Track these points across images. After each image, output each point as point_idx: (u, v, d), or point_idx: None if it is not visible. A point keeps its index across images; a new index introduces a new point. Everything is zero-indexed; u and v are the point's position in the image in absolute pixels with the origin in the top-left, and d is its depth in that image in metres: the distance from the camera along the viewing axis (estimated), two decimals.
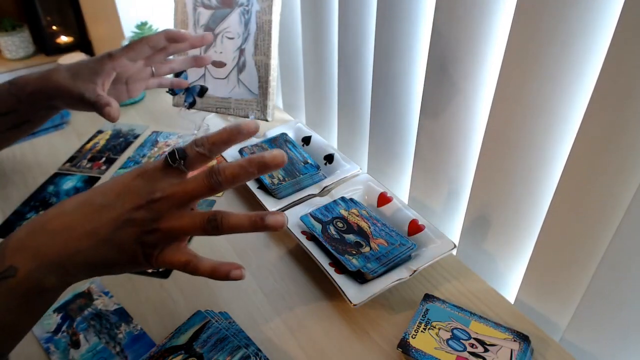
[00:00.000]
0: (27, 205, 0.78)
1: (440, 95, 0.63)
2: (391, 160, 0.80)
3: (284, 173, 0.75)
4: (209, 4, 0.88)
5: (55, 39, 1.75)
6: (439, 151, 0.67)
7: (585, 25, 0.45)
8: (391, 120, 0.75)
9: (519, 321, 0.56)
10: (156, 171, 0.43)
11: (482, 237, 0.65)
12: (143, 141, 0.94)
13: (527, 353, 0.51)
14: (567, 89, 0.48)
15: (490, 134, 0.58)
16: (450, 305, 0.57)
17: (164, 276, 0.64)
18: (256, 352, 0.52)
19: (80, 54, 1.07)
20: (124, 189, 0.43)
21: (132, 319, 0.59)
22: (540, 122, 0.52)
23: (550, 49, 0.47)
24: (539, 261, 0.57)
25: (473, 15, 0.54)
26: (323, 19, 0.81)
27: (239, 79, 0.88)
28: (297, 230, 0.65)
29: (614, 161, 0.45)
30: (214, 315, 0.55)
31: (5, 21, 1.71)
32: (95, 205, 0.43)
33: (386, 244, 0.62)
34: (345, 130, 0.88)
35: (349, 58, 0.78)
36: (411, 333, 0.53)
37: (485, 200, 0.63)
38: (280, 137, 0.82)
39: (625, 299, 0.49)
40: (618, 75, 0.42)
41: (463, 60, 0.58)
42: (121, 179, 0.44)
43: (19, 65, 1.72)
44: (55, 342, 0.57)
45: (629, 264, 0.47)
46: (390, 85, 0.72)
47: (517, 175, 0.57)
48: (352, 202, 0.69)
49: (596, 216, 0.49)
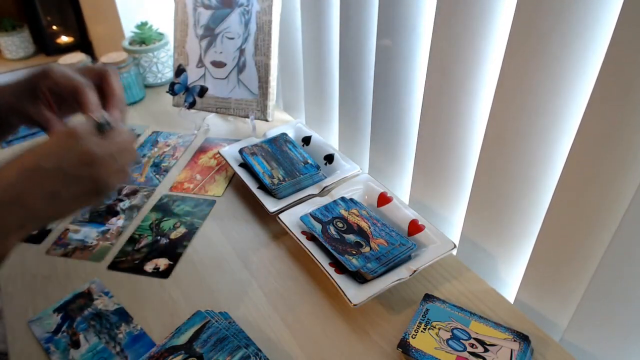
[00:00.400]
0: None
1: (440, 96, 0.63)
2: (391, 161, 0.80)
3: (284, 173, 0.75)
4: (209, 4, 0.88)
5: (55, 39, 1.75)
6: (440, 151, 0.67)
7: (585, 25, 0.45)
8: (392, 120, 0.75)
9: (519, 321, 0.56)
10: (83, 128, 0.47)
11: (482, 237, 0.65)
12: (143, 141, 0.94)
13: (527, 353, 0.51)
14: (567, 88, 0.48)
15: (490, 134, 0.58)
16: (450, 305, 0.57)
17: (164, 276, 0.64)
18: (256, 352, 0.52)
19: (80, 54, 1.07)
20: (58, 148, 0.46)
21: (132, 319, 0.59)
22: (540, 122, 0.52)
23: (550, 49, 0.47)
24: (539, 261, 0.57)
25: (473, 15, 0.54)
26: (323, 19, 0.81)
27: (239, 79, 0.88)
28: (297, 230, 0.65)
29: (614, 161, 0.45)
30: (214, 315, 0.55)
31: (5, 21, 1.72)
32: (38, 170, 0.45)
33: (386, 244, 0.62)
34: (346, 130, 0.88)
35: (350, 58, 0.78)
36: (411, 333, 0.53)
37: (485, 200, 0.63)
38: (280, 137, 0.82)
39: (625, 298, 0.49)
40: (618, 75, 0.42)
41: (463, 60, 0.58)
42: (52, 140, 0.47)
43: (19, 65, 1.72)
44: (55, 342, 0.57)
45: (629, 263, 0.47)
46: (391, 86, 0.72)
47: (517, 175, 0.57)
48: (352, 202, 0.69)
49: (596, 216, 0.49)
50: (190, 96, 0.91)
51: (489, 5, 0.53)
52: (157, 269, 0.66)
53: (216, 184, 0.81)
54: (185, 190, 0.80)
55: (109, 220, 0.74)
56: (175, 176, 0.83)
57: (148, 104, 1.07)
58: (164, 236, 0.71)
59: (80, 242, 0.71)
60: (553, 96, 0.50)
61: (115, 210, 0.76)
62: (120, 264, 0.67)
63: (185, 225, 0.73)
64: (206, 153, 0.89)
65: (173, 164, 0.87)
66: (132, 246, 0.69)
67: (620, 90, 0.42)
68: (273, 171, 0.75)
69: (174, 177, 0.83)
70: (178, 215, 0.75)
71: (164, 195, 0.79)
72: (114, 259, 0.68)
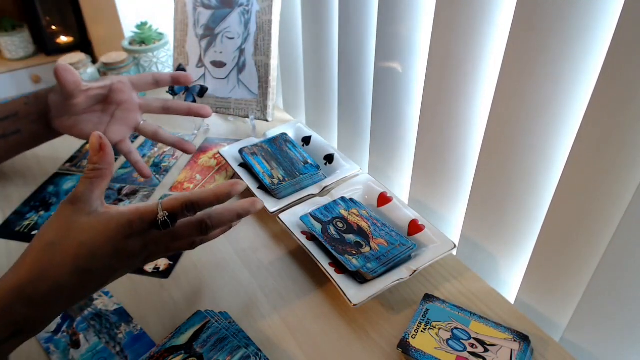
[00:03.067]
0: (27, 205, 0.78)
1: (440, 95, 0.63)
2: (391, 161, 0.80)
3: (284, 173, 0.75)
4: (209, 4, 0.88)
5: (55, 39, 1.75)
6: (439, 151, 0.67)
7: (585, 25, 0.45)
8: (392, 120, 0.75)
9: (519, 321, 0.56)
10: (144, 229, 0.45)
11: (482, 237, 0.65)
12: (143, 141, 0.94)
13: (527, 353, 0.51)
14: (568, 88, 0.48)
15: (490, 134, 0.58)
16: (450, 305, 0.57)
17: (164, 276, 0.64)
18: (256, 352, 0.52)
19: (80, 54, 1.07)
20: (115, 252, 0.44)
21: (132, 319, 0.59)
22: (540, 122, 0.52)
23: (551, 49, 0.47)
24: (539, 261, 0.57)
25: (473, 14, 0.54)
26: (323, 18, 0.81)
27: (239, 79, 0.88)
28: (297, 230, 0.65)
29: (614, 161, 0.45)
30: (214, 315, 0.55)
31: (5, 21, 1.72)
32: (91, 272, 0.44)
33: (386, 244, 0.62)
34: (346, 130, 0.88)
35: (350, 58, 0.78)
36: (411, 333, 0.53)
37: (485, 200, 0.63)
38: (280, 137, 0.82)
39: (625, 298, 0.49)
40: (618, 75, 0.42)
41: (463, 60, 0.58)
42: (108, 241, 0.44)
43: (19, 65, 1.72)
44: (55, 342, 0.57)
45: (629, 263, 0.47)
46: (390, 85, 0.72)
47: (517, 175, 0.57)
48: (352, 202, 0.69)
49: (596, 216, 0.49)
50: (190, 96, 0.91)
51: (490, 5, 0.53)
52: (157, 269, 0.66)
53: (216, 184, 0.81)
54: (185, 190, 0.80)
55: None
56: (175, 176, 0.83)
57: None
58: None
59: None
60: (553, 96, 0.50)
61: None
62: None
63: None
64: (206, 153, 0.89)
65: (173, 164, 0.87)
66: None
67: (621, 91, 0.42)
68: (273, 171, 0.75)
69: (174, 177, 0.83)
70: None
71: (164, 195, 0.79)
72: None
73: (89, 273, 0.44)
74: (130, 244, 0.45)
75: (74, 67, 1.03)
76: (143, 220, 0.44)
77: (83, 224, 0.44)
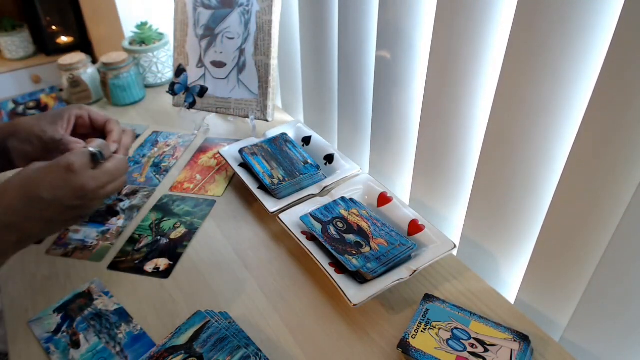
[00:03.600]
0: None
1: (441, 95, 0.63)
2: (391, 161, 0.80)
3: (284, 173, 0.75)
4: (209, 4, 0.88)
5: (55, 39, 1.75)
6: (440, 151, 0.67)
7: (585, 25, 0.45)
8: (392, 120, 0.75)
9: (519, 321, 0.56)
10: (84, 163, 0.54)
11: (482, 237, 0.65)
12: (143, 141, 0.94)
13: (527, 353, 0.51)
14: (568, 88, 0.48)
15: (491, 135, 0.58)
16: (450, 305, 0.57)
17: (164, 276, 0.64)
18: (256, 352, 0.52)
19: (80, 54, 1.07)
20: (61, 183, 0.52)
21: (132, 319, 0.59)
22: (540, 122, 0.52)
23: (551, 49, 0.47)
24: (539, 261, 0.57)
25: (474, 15, 0.54)
26: (323, 18, 0.81)
27: (239, 79, 0.88)
28: (297, 230, 0.65)
29: (614, 161, 0.45)
30: (214, 315, 0.55)
31: (5, 21, 1.72)
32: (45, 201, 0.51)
33: (386, 244, 0.62)
34: (346, 130, 0.88)
35: (350, 58, 0.78)
36: (411, 333, 0.53)
37: (485, 200, 0.63)
38: (280, 137, 0.82)
39: (625, 298, 0.49)
40: (618, 75, 0.42)
41: (464, 60, 0.58)
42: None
43: (19, 65, 1.72)
44: (55, 342, 0.57)
45: (629, 263, 0.47)
46: (391, 86, 0.72)
47: (517, 175, 0.57)
48: (352, 202, 0.69)
49: (596, 216, 0.49)
50: (190, 96, 0.91)
51: (490, 5, 0.53)
52: (157, 269, 0.66)
53: (216, 184, 0.81)
54: (185, 190, 0.80)
55: (109, 221, 0.75)
56: (175, 176, 0.83)
57: (148, 104, 1.07)
58: (164, 236, 0.71)
59: (80, 242, 0.71)
60: (553, 96, 0.50)
61: (115, 210, 0.76)
62: (120, 264, 0.67)
63: (185, 225, 0.73)
64: (206, 153, 0.89)
65: (173, 164, 0.87)
66: (132, 246, 0.69)
67: (621, 91, 0.42)
68: (273, 171, 0.75)
69: (174, 177, 0.83)
70: (178, 215, 0.75)
71: (164, 196, 0.79)
72: (114, 259, 0.68)
73: (37, 201, 0.51)
74: (68, 176, 0.52)
75: (74, 67, 1.03)
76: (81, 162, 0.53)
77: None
